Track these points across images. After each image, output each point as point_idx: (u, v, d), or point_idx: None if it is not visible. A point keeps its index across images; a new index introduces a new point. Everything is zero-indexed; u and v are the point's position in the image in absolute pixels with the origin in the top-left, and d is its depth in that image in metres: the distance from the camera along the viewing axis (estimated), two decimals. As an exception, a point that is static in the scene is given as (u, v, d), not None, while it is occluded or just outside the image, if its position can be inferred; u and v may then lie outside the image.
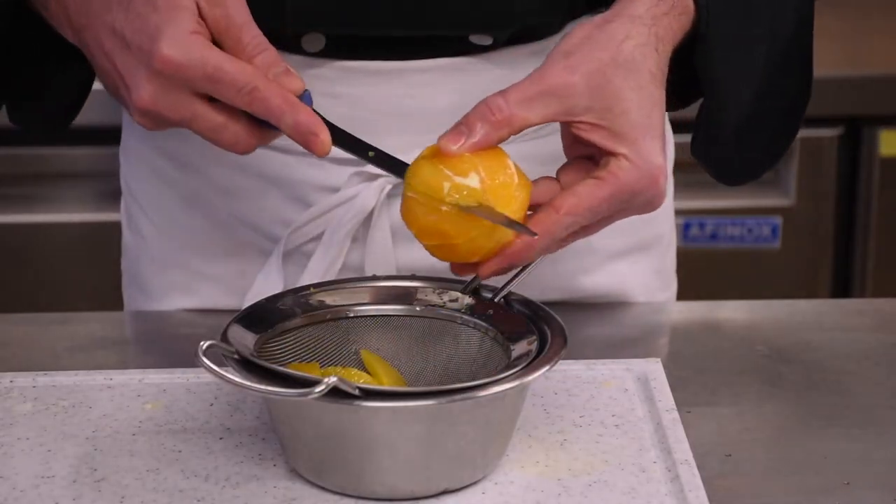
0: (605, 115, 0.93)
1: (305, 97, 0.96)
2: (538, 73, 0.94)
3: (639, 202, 0.95)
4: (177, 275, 1.22)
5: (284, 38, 1.11)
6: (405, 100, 1.12)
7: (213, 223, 1.20)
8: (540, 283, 1.06)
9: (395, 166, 0.98)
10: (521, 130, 0.94)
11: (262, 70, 0.94)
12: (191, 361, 0.87)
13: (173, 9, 0.94)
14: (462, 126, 0.93)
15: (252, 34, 0.95)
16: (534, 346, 0.93)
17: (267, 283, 1.16)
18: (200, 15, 0.95)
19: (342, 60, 1.11)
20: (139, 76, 0.94)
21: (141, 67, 0.94)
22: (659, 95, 0.96)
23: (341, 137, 0.97)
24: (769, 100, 1.06)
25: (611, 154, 0.94)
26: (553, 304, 1.00)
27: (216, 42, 0.95)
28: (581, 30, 0.96)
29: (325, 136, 0.94)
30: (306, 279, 1.14)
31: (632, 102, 0.94)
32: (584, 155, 0.97)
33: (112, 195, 1.85)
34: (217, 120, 0.95)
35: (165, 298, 1.23)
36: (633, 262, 1.24)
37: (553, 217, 0.93)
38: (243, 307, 1.00)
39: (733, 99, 1.04)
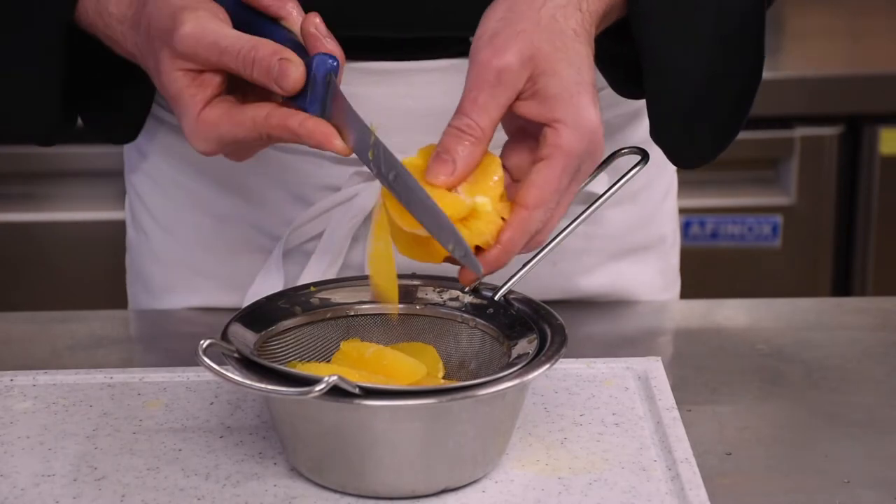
0: (539, 79, 0.93)
1: (321, 64, 0.94)
2: (472, 71, 0.93)
3: (586, 161, 0.94)
4: (179, 272, 1.22)
5: None
6: (406, 100, 1.12)
7: (214, 221, 1.20)
8: (540, 282, 1.06)
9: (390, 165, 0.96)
10: (492, 131, 0.93)
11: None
12: (191, 360, 0.87)
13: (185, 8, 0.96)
14: (444, 155, 0.92)
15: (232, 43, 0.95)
16: (534, 345, 0.93)
17: (267, 282, 1.16)
18: None
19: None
20: (165, 67, 0.96)
21: (166, 56, 0.95)
22: (586, 52, 0.95)
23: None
24: (720, 78, 1.05)
25: (546, 125, 0.93)
26: (553, 302, 1.00)
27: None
28: (499, 6, 0.95)
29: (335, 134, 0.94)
30: (306, 278, 1.14)
31: (561, 63, 0.93)
32: (522, 128, 0.96)
33: (116, 194, 1.85)
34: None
35: (167, 295, 1.23)
36: (635, 262, 1.24)
37: (523, 215, 0.92)
38: (244, 305, 1.00)
39: (677, 71, 1.03)
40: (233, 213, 1.19)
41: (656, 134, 1.07)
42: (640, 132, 1.22)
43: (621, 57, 1.06)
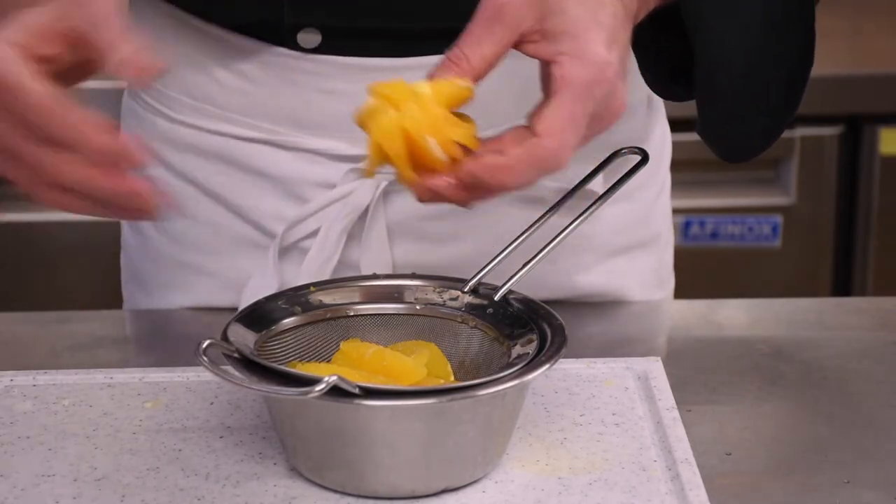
0: (547, 19, 0.90)
1: None
2: (478, 7, 0.91)
3: (599, 99, 0.90)
4: (174, 271, 1.22)
5: (281, 33, 1.11)
6: None
7: (209, 219, 1.20)
8: (538, 280, 1.05)
9: None
10: (484, 68, 0.90)
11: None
12: (191, 360, 0.87)
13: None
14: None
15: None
16: (534, 345, 0.93)
17: (263, 280, 1.16)
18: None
19: (339, 57, 1.11)
20: None
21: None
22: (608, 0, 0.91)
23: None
24: (768, 62, 1.04)
25: (551, 61, 0.90)
26: (553, 302, 1.00)
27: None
28: None
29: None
30: (302, 276, 1.14)
31: (570, 2, 0.90)
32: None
33: (112, 194, 1.84)
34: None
35: (163, 294, 1.23)
36: (630, 260, 1.24)
37: (533, 141, 0.88)
38: (240, 303, 1.00)
39: (728, 56, 1.01)
40: (228, 212, 1.19)
41: (705, 128, 1.05)
42: (639, 128, 1.22)
43: (667, 52, 1.05)
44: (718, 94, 1.03)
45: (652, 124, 1.25)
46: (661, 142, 1.28)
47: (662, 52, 1.05)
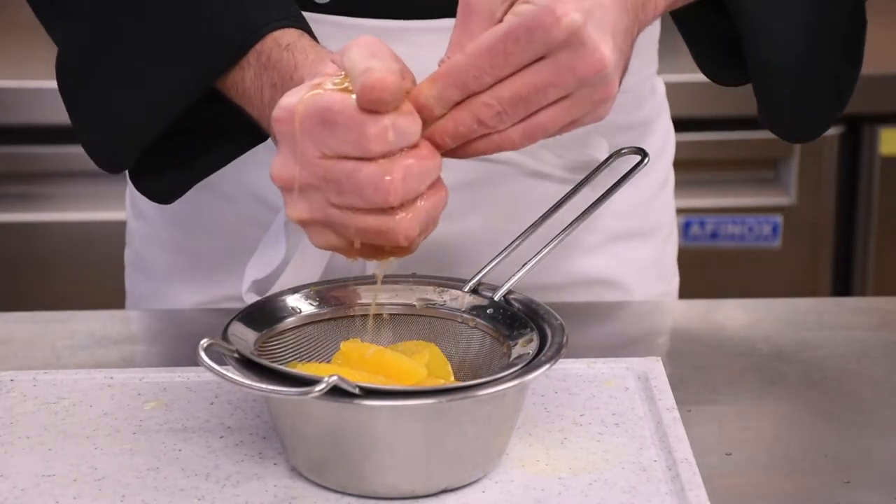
0: None
1: None
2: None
3: (554, 48, 0.84)
4: (180, 254, 1.23)
5: None
6: (409, 61, 1.11)
7: (216, 197, 1.19)
8: (541, 263, 1.05)
9: None
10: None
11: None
12: (191, 360, 0.87)
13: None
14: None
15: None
16: (534, 345, 0.93)
17: (269, 251, 1.14)
18: None
19: (348, 17, 1.10)
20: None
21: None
22: None
23: None
24: (821, 35, 1.01)
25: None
26: (553, 303, 1.00)
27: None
28: None
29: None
30: (305, 244, 1.12)
31: None
32: None
33: (116, 194, 1.85)
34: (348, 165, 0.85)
35: (169, 281, 1.23)
36: (631, 248, 1.25)
37: (457, 60, 0.86)
38: (245, 276, 0.99)
39: (774, 33, 0.99)
40: (235, 189, 1.18)
41: (765, 112, 1.03)
42: (645, 114, 1.22)
43: (716, 33, 1.03)
44: (770, 73, 1.01)
45: (657, 115, 1.26)
46: (665, 133, 1.28)
47: (711, 33, 1.04)
